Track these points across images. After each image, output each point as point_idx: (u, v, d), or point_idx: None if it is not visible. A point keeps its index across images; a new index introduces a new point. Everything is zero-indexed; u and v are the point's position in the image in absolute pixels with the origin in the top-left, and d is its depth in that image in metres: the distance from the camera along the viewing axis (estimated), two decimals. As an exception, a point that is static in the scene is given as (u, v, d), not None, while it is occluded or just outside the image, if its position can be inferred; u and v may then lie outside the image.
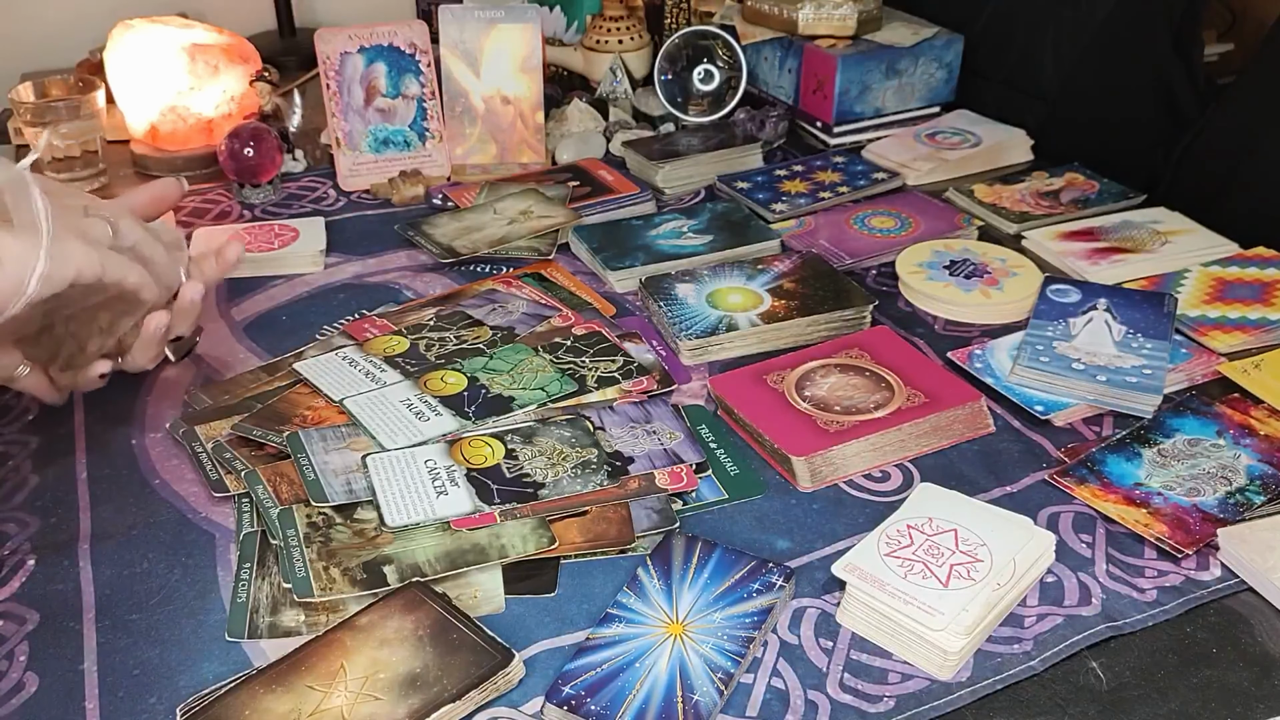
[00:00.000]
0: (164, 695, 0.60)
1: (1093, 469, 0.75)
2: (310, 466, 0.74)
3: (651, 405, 0.82)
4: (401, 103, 1.20)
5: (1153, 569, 0.68)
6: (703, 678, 0.58)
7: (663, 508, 0.72)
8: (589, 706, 0.57)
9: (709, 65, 1.32)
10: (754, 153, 1.23)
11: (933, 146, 1.24)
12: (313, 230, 1.08)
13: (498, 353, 0.87)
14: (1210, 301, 0.93)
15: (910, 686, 0.60)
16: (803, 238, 1.07)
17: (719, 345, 0.89)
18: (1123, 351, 0.85)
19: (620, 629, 0.62)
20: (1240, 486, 0.73)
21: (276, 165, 1.17)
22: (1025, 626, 0.64)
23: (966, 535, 0.66)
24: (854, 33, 1.28)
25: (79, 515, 0.73)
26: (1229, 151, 1.20)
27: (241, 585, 0.67)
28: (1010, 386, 0.84)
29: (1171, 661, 0.62)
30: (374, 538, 0.69)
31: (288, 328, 0.94)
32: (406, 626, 0.61)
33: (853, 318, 0.92)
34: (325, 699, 0.57)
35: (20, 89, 1.18)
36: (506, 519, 0.70)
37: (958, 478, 0.76)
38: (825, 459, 0.75)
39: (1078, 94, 1.33)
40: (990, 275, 0.98)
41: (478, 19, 1.20)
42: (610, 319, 0.93)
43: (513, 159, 1.24)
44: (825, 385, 0.82)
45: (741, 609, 0.63)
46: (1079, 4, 1.31)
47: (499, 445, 0.76)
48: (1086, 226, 1.07)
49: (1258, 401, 0.82)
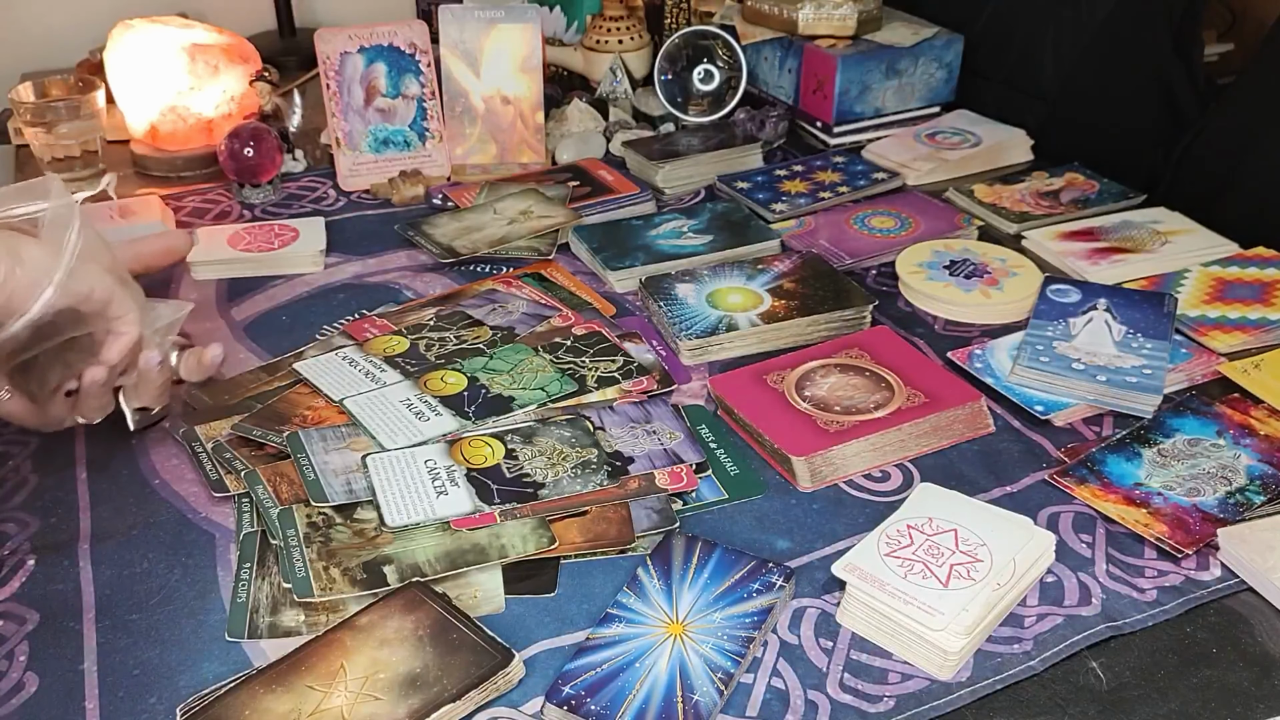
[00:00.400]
0: (164, 695, 0.60)
1: (1093, 469, 0.75)
2: (310, 466, 0.74)
3: (651, 405, 0.82)
4: (401, 103, 1.20)
5: (1153, 569, 0.68)
6: (703, 678, 0.58)
7: (663, 508, 0.72)
8: (589, 706, 0.57)
9: (709, 65, 1.32)
10: (754, 153, 1.23)
11: (933, 146, 1.24)
12: (313, 230, 1.08)
13: (498, 353, 0.87)
14: (1210, 301, 0.93)
15: (910, 686, 0.60)
16: (803, 238, 1.07)
17: (719, 345, 0.89)
18: (1123, 351, 0.85)
19: (620, 629, 0.62)
20: (1240, 486, 0.73)
21: (276, 165, 1.17)
22: (1025, 626, 0.64)
23: (966, 535, 0.66)
24: (854, 33, 1.28)
25: (79, 515, 0.73)
26: (1229, 151, 1.20)
27: (241, 585, 0.67)
28: (1010, 386, 0.84)
29: (1171, 661, 0.62)
30: (374, 538, 0.69)
31: (288, 328, 0.94)
32: (406, 626, 0.61)
33: (853, 318, 0.92)
34: (325, 699, 0.57)
35: (20, 89, 1.18)
36: (506, 519, 0.70)
37: (958, 478, 0.76)
38: (825, 459, 0.75)
39: (1078, 94, 1.33)
40: (990, 275, 0.98)
41: (478, 19, 1.20)
42: (610, 319, 0.93)
43: (513, 159, 1.24)
44: (825, 385, 0.82)
45: (741, 609, 0.63)
46: (1079, 4, 1.31)
47: (499, 445, 0.76)
48: (1086, 226, 1.07)
49: (1258, 401, 0.82)
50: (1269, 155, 1.16)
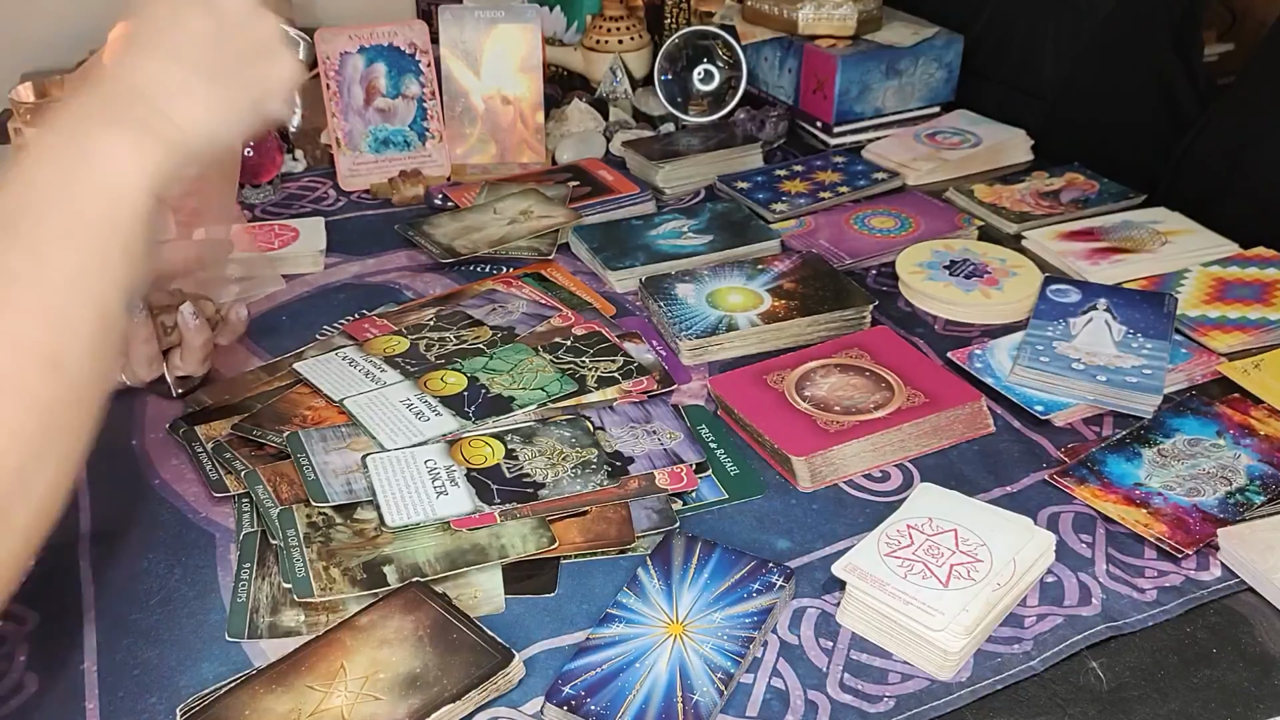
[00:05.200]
0: (164, 695, 0.60)
1: (1093, 469, 0.75)
2: (310, 466, 0.74)
3: (651, 405, 0.82)
4: (401, 103, 1.20)
5: (1153, 569, 0.68)
6: (703, 678, 0.58)
7: (663, 508, 0.72)
8: (589, 706, 0.57)
9: (709, 65, 1.32)
10: (754, 153, 1.23)
11: (933, 146, 1.24)
12: (313, 230, 1.08)
13: (498, 353, 0.87)
14: (1210, 301, 0.93)
15: (910, 686, 0.60)
16: (803, 238, 1.07)
17: (719, 345, 0.89)
18: (1123, 351, 0.85)
19: (620, 629, 0.62)
20: (1240, 486, 0.73)
21: (276, 165, 1.17)
22: (1025, 626, 0.64)
23: (966, 535, 0.66)
24: (854, 33, 1.28)
25: (79, 515, 0.73)
26: (1229, 151, 1.20)
27: (241, 585, 0.67)
28: (1010, 386, 0.84)
29: (1171, 661, 0.62)
30: (374, 538, 0.69)
31: (288, 328, 0.94)
32: (406, 626, 0.61)
33: (853, 318, 0.92)
34: (325, 699, 0.57)
35: (20, 89, 1.18)
36: (506, 519, 0.70)
37: (958, 478, 0.76)
38: (825, 459, 0.75)
39: (1078, 94, 1.33)
40: (990, 275, 0.98)
41: (478, 19, 1.20)
42: (610, 319, 0.93)
43: (513, 159, 1.24)
44: (825, 385, 0.82)
45: (741, 609, 0.63)
46: (1079, 4, 1.31)
47: (499, 445, 0.76)
48: (1086, 226, 1.07)
49: (1258, 401, 0.81)
50: (1269, 155, 1.16)
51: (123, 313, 0.53)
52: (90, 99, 0.54)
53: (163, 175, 0.54)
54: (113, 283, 0.52)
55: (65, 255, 0.50)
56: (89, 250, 0.51)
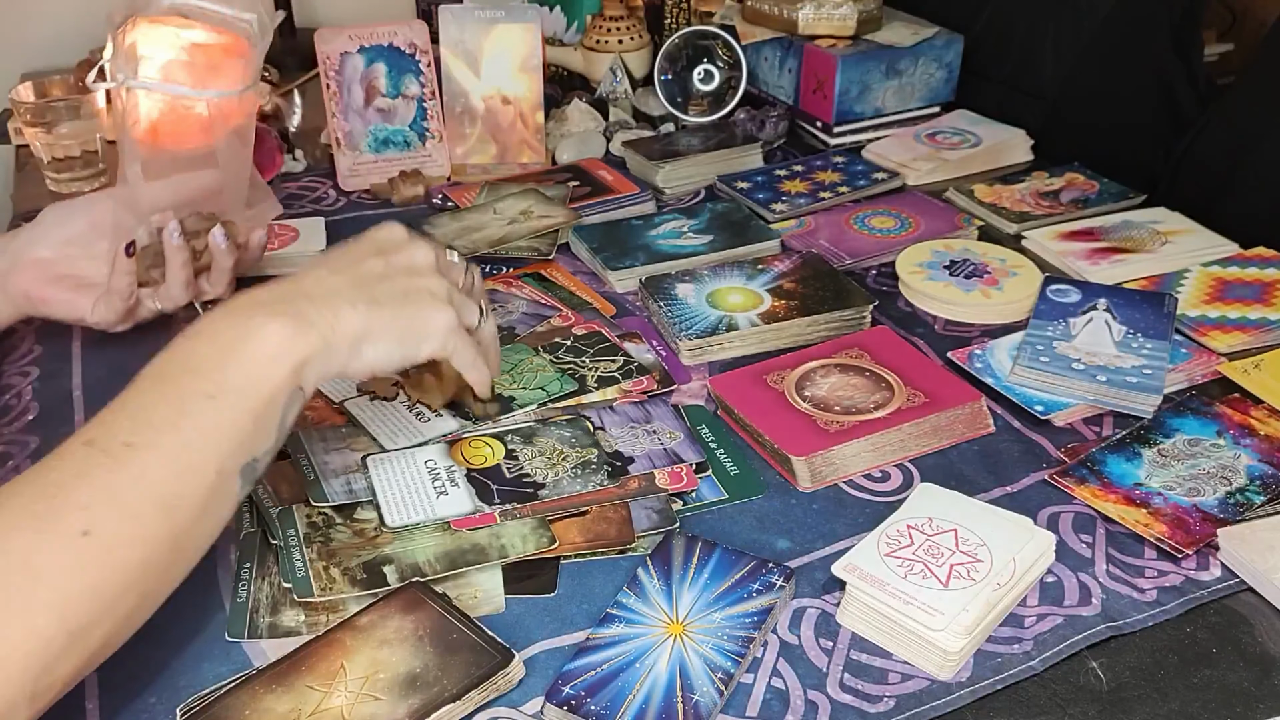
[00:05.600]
0: (164, 695, 0.60)
1: (1093, 469, 0.75)
2: (310, 466, 0.74)
3: (651, 405, 0.82)
4: (401, 103, 1.20)
5: (1153, 569, 0.68)
6: (703, 678, 0.58)
7: (663, 508, 0.72)
8: (589, 706, 0.57)
9: (709, 65, 1.32)
10: (754, 153, 1.23)
11: (933, 146, 1.24)
12: (313, 230, 1.08)
13: (498, 353, 0.87)
14: (1210, 301, 0.93)
15: (910, 686, 0.60)
16: (803, 238, 1.07)
17: (719, 345, 0.89)
18: (1123, 351, 0.85)
19: (620, 629, 0.62)
20: (1240, 486, 0.73)
21: (276, 165, 1.17)
22: (1025, 626, 0.64)
23: (966, 535, 0.66)
24: (854, 33, 1.28)
25: (79, 515, 0.73)
26: (1229, 151, 1.20)
27: (241, 585, 0.67)
28: (1010, 386, 0.84)
29: (1171, 661, 0.62)
30: (374, 538, 0.69)
31: (288, 328, 0.94)
32: (406, 626, 0.61)
33: (853, 318, 0.92)
34: (325, 699, 0.57)
35: (20, 89, 1.18)
36: (506, 519, 0.70)
37: (958, 478, 0.76)
38: (825, 459, 0.75)
39: (1078, 94, 1.33)
40: (990, 275, 0.98)
41: (478, 19, 1.20)
42: (610, 319, 0.93)
43: (513, 159, 1.24)
44: (825, 385, 0.82)
45: (741, 609, 0.63)
46: (1079, 4, 1.31)
47: (499, 445, 0.76)
48: (1086, 226, 1.07)
49: (1258, 401, 0.81)
50: (1269, 155, 1.16)
51: (240, 480, 0.58)
52: (266, 293, 0.62)
53: (311, 370, 0.60)
54: (240, 446, 0.57)
55: (204, 413, 0.56)
56: (225, 412, 0.57)
